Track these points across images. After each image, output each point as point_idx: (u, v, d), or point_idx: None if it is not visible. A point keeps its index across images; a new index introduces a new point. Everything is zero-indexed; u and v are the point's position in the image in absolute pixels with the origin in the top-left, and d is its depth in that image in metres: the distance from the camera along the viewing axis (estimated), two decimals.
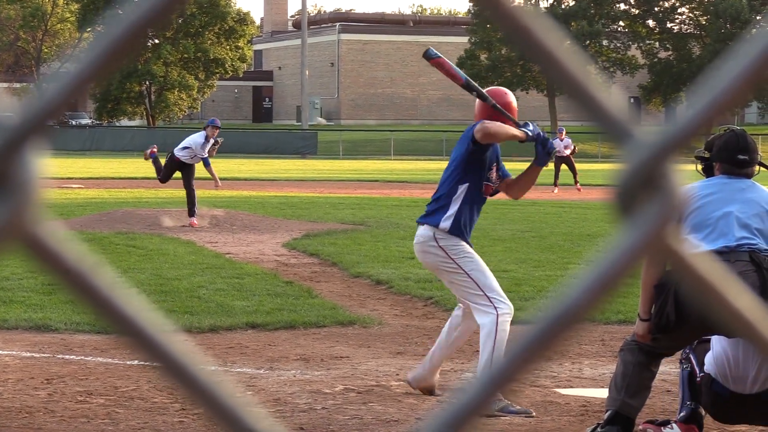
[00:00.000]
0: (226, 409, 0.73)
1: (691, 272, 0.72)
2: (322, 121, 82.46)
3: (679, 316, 5.66)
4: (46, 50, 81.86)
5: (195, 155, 18.39)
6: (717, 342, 5.88)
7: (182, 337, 0.74)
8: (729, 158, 5.96)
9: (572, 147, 31.37)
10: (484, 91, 7.06)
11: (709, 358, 5.93)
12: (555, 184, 31.42)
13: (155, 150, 19.17)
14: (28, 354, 8.38)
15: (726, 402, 5.88)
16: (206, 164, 18.61)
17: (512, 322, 8.83)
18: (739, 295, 0.73)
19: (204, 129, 18.63)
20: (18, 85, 75.14)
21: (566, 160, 31.15)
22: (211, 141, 18.49)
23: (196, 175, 18.74)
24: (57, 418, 6.59)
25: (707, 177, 6.09)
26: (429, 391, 7.17)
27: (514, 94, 7.38)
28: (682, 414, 6.10)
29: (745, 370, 5.81)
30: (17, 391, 7.20)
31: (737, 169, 5.96)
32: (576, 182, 30.87)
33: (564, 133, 31.96)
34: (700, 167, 6.15)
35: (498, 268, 13.21)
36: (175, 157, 18.44)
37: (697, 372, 6.03)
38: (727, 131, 6.12)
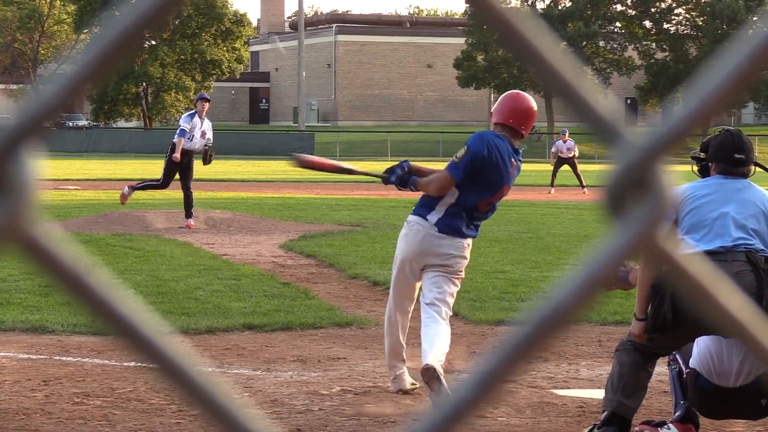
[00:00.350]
0: (223, 410, 0.74)
1: (682, 273, 0.72)
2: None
3: (675, 316, 5.67)
4: (42, 52, 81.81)
5: (190, 132, 18.01)
6: (701, 338, 5.90)
7: (179, 339, 0.74)
8: (725, 158, 5.97)
9: (575, 150, 31.37)
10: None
11: (693, 355, 5.96)
12: (552, 185, 31.44)
13: (132, 184, 18.55)
14: (25, 356, 8.37)
15: (711, 397, 5.90)
16: (181, 134, 17.99)
17: (510, 323, 8.95)
18: (730, 296, 0.74)
19: (194, 105, 18.52)
20: (15, 86, 75.09)
21: (569, 162, 31.16)
22: (205, 122, 18.12)
23: (194, 177, 18.62)
24: (54, 419, 6.59)
25: (703, 178, 6.10)
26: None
27: (511, 95, 7.31)
28: (677, 414, 6.12)
29: (728, 364, 5.83)
30: (14, 393, 7.20)
31: (734, 168, 5.97)
32: (583, 186, 30.84)
33: (567, 134, 31.98)
34: (696, 168, 6.16)
35: (495, 269, 13.22)
36: (182, 148, 18.10)
37: (684, 370, 6.06)
38: (722, 132, 6.12)
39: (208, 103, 18.38)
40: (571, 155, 31.18)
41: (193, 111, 18.32)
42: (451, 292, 7.07)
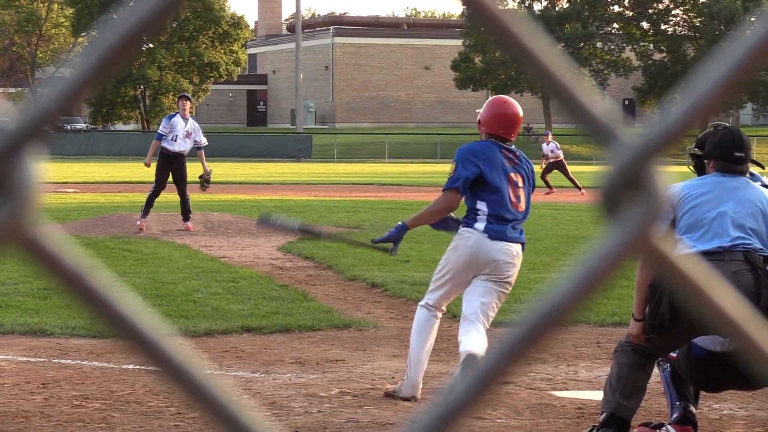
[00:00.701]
0: (226, 412, 0.74)
1: (677, 272, 0.73)
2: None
3: (673, 315, 5.66)
4: (41, 55, 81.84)
5: (171, 134, 17.79)
6: None
7: (180, 340, 0.75)
8: (725, 155, 5.93)
9: (558, 152, 31.14)
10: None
11: None
12: (549, 187, 31.35)
13: (138, 216, 18.20)
14: (24, 358, 8.38)
15: (704, 364, 5.86)
16: (157, 137, 17.75)
17: (508, 324, 8.88)
18: (725, 295, 0.75)
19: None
20: (13, 89, 75.08)
21: (558, 166, 30.94)
22: (189, 122, 17.84)
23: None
24: (53, 422, 6.59)
25: (699, 175, 6.08)
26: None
27: (509, 96, 7.52)
28: (675, 416, 6.12)
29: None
30: (13, 396, 7.20)
31: (733, 166, 5.94)
32: (579, 187, 30.57)
33: (550, 136, 31.85)
34: (691, 165, 6.14)
35: None
36: (164, 150, 17.94)
37: (675, 357, 6.06)
38: (718, 128, 6.08)
39: (189, 102, 17.98)
40: (557, 157, 31.02)
41: (175, 113, 18.16)
42: (492, 305, 7.08)
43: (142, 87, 70.94)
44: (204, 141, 18.12)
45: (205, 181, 18.06)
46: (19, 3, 79.62)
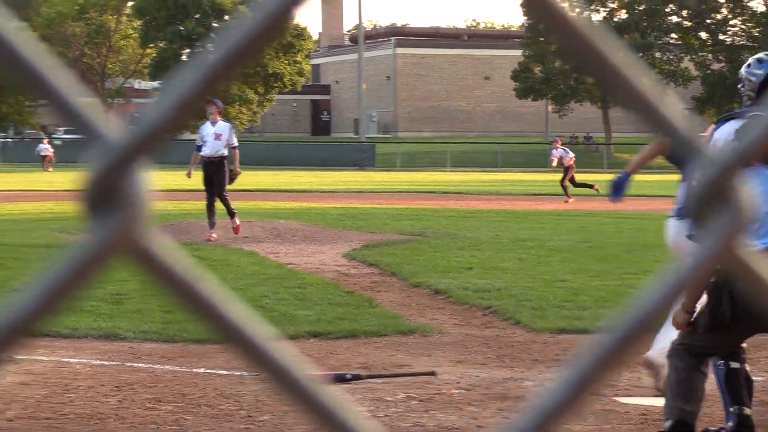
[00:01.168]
0: (334, 415, 0.75)
1: (754, 276, 0.77)
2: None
3: (734, 313, 5.70)
4: (110, 66, 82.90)
5: (202, 140, 17.95)
6: None
7: (286, 344, 0.77)
8: None
9: (567, 156, 31.03)
10: None
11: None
12: (567, 195, 31.07)
13: (213, 236, 18.00)
14: (98, 362, 8.54)
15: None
16: (196, 149, 18.12)
17: (571, 331, 8.86)
18: None
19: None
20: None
21: (568, 171, 30.81)
22: (219, 125, 17.77)
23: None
24: (127, 424, 6.74)
25: None
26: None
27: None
28: (730, 424, 6.11)
29: None
30: (88, 398, 7.36)
31: None
32: (568, 194, 30.59)
33: (559, 142, 31.86)
34: None
35: (555, 278, 13.24)
36: (203, 158, 18.34)
37: (729, 364, 6.07)
38: None
39: (214, 106, 18.14)
40: (560, 159, 30.99)
41: (205, 121, 18.54)
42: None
43: (208, 98, 71.57)
44: (234, 141, 18.29)
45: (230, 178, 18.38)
46: (89, 15, 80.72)
